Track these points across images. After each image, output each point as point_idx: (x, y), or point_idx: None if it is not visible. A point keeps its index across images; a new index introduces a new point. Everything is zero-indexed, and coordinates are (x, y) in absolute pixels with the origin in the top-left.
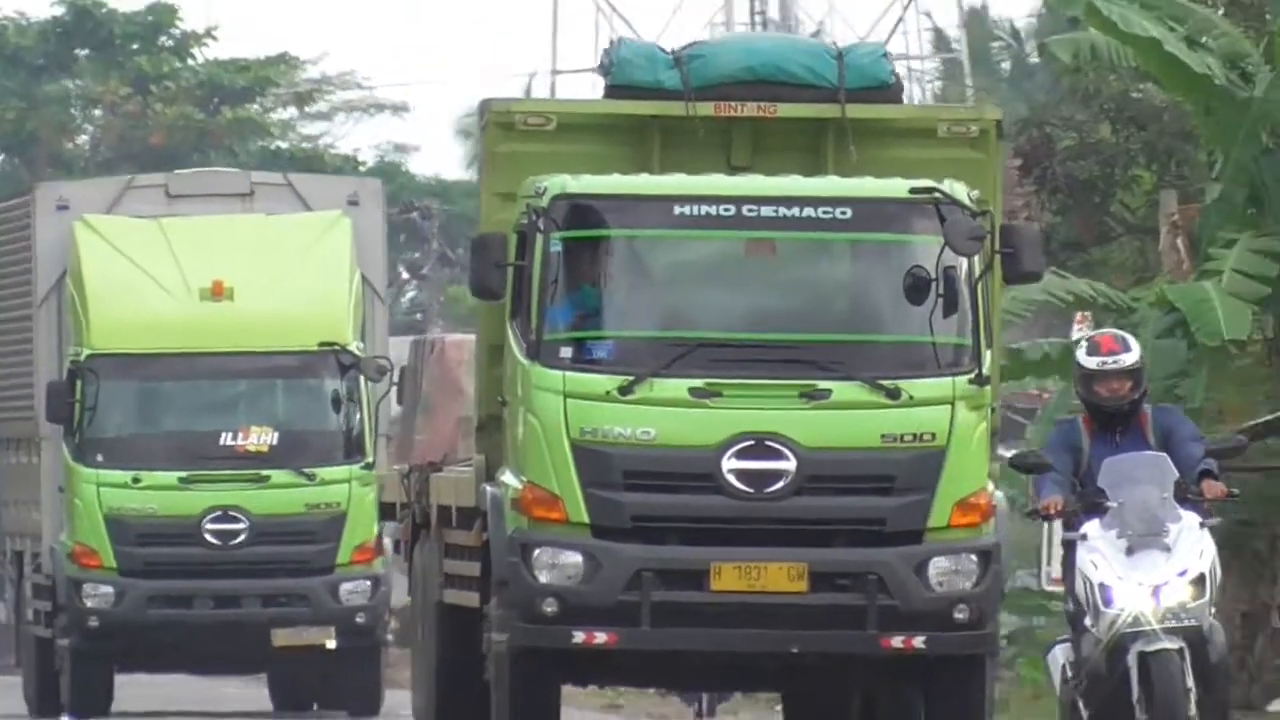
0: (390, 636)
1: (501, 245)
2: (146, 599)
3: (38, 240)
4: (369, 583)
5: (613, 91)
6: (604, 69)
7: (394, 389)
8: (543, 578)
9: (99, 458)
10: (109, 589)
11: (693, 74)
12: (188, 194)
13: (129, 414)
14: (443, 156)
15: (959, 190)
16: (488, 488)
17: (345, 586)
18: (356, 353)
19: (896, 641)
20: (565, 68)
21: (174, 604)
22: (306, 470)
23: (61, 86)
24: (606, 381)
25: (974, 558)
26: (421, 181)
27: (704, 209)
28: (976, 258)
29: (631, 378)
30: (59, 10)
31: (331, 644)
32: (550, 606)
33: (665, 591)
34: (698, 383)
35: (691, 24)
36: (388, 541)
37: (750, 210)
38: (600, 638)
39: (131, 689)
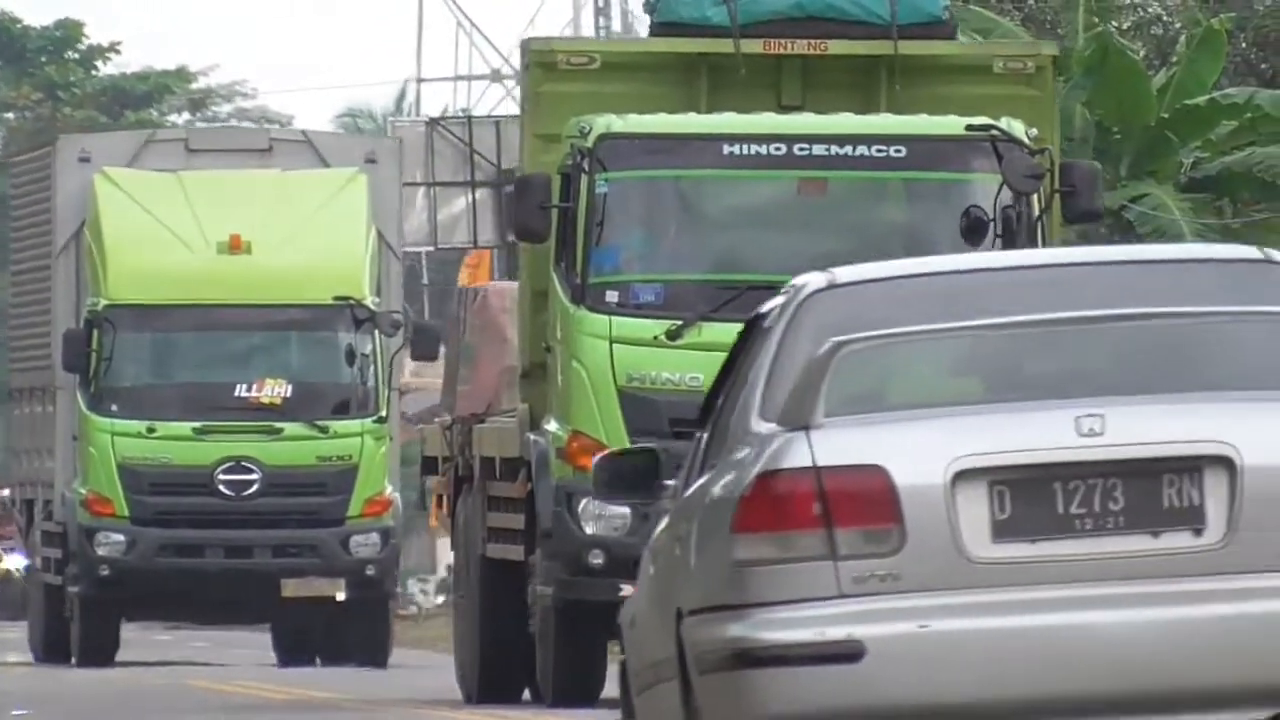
0: (399, 589)
1: (545, 186)
2: (158, 547)
3: (58, 191)
4: (379, 535)
5: (658, 29)
6: (649, 5)
7: (408, 344)
8: (589, 529)
9: (114, 407)
10: (120, 537)
11: (741, 10)
12: (207, 149)
13: (144, 365)
14: None
15: (1016, 127)
16: (532, 437)
17: (356, 539)
18: (371, 307)
19: None
20: (430, 76)
21: (185, 553)
22: (319, 423)
23: None
24: (654, 326)
25: None
26: None
27: (754, 148)
28: (1035, 196)
29: (680, 322)
30: None
31: (341, 596)
32: (596, 558)
33: None
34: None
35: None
36: (397, 496)
37: (802, 149)
38: None
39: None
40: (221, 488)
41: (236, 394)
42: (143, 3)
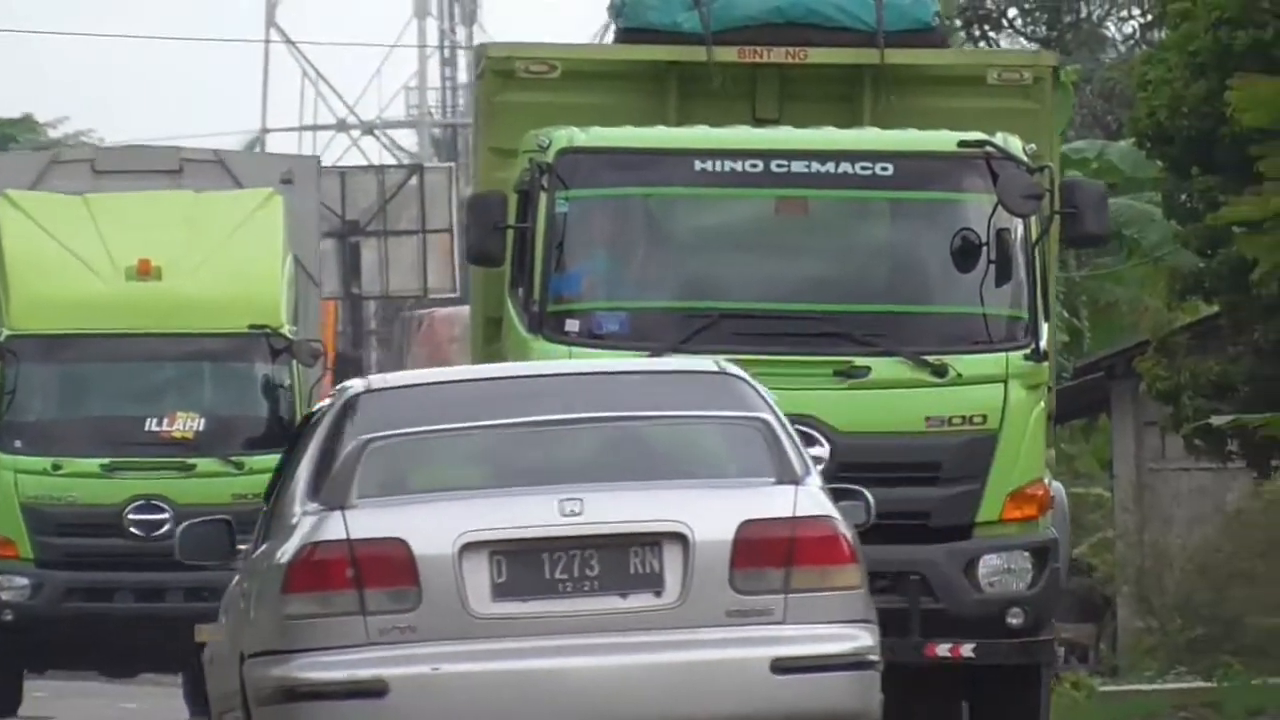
0: None
1: (501, 205)
2: (64, 591)
3: None
4: None
5: (625, 35)
6: (615, 9)
7: (328, 374)
8: None
9: (17, 443)
10: (25, 580)
11: (714, 16)
12: (115, 170)
13: (50, 398)
14: None
15: (1013, 143)
16: None
17: None
18: (289, 336)
19: (942, 649)
20: (277, 126)
21: (93, 597)
22: (234, 458)
23: None
24: (619, 359)
25: (1029, 555)
26: None
27: (728, 164)
28: (1033, 218)
29: (647, 354)
30: None
31: None
32: None
33: None
34: (721, 358)
35: (387, 89)
36: None
37: (780, 166)
38: None
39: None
40: (131, 528)
41: (147, 428)
42: None
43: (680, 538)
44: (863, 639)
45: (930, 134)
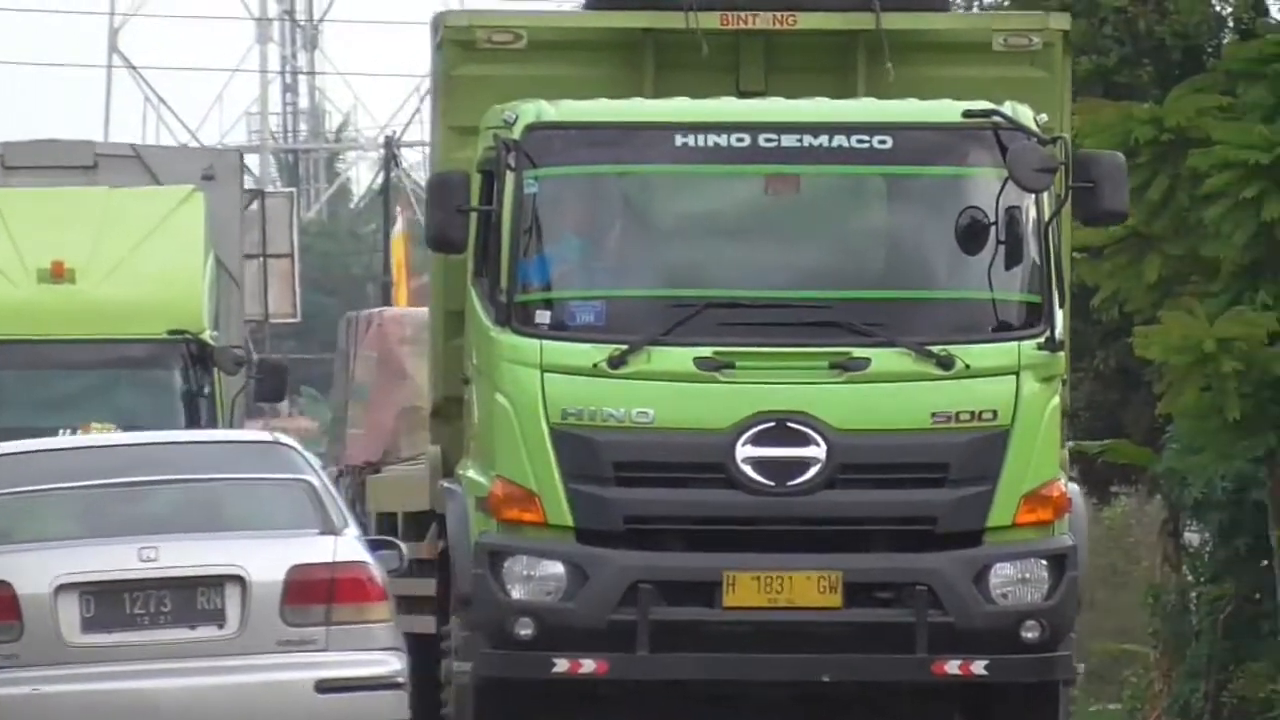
0: None
1: (463, 187)
2: None
3: None
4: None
5: (597, 1)
6: None
7: (251, 383)
8: (516, 593)
9: None
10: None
11: None
12: (25, 165)
13: None
14: None
15: (1023, 113)
16: (446, 485)
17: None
18: (210, 341)
19: (951, 667)
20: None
21: None
22: None
23: None
24: (593, 352)
25: (1045, 563)
26: None
27: (712, 139)
28: (1046, 195)
29: (624, 346)
30: None
31: None
32: (525, 629)
33: (667, 608)
34: (705, 352)
35: (229, 115)
36: None
37: (769, 140)
38: (587, 666)
39: None
40: None
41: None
42: None
43: (239, 579)
44: (392, 664)
45: (932, 104)
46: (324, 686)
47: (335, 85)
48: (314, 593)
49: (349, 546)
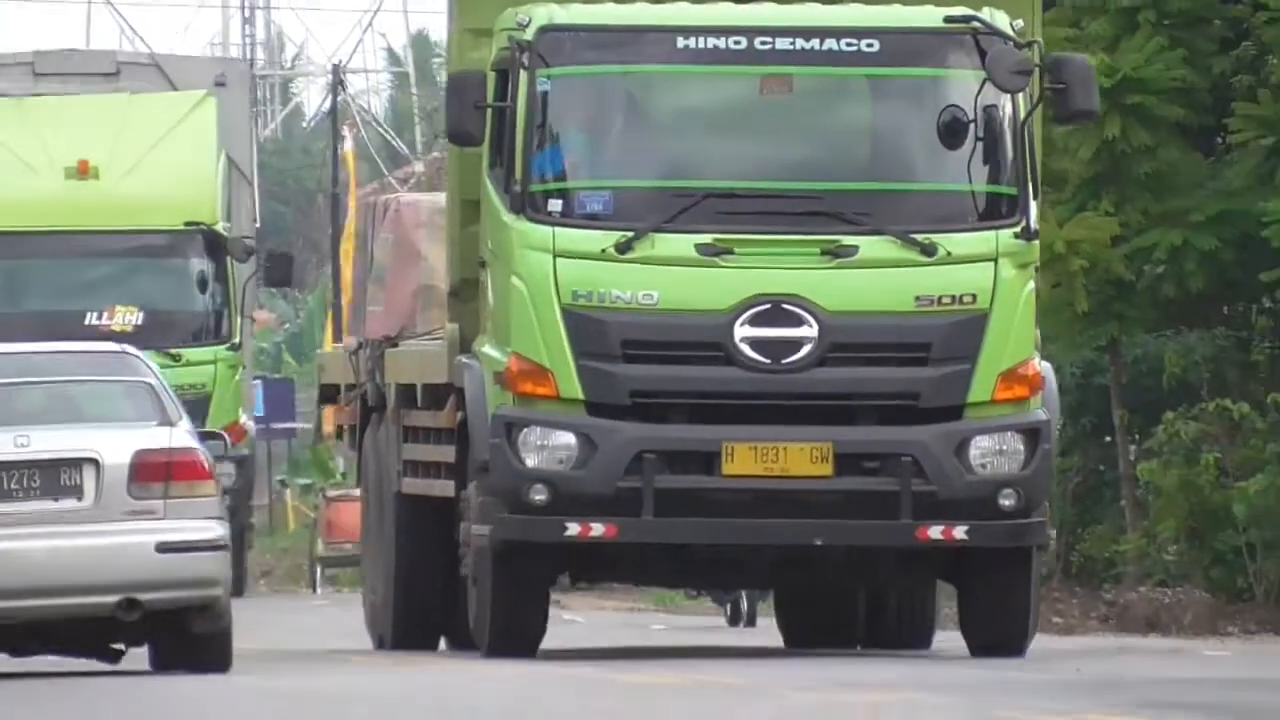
0: (253, 523)
1: (480, 85)
2: None
3: None
4: (233, 465)
5: None
6: None
7: (261, 270)
8: (531, 461)
9: None
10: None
11: None
12: (53, 73)
13: None
14: None
15: (1000, 18)
16: (464, 360)
17: None
18: (222, 232)
19: (934, 532)
20: None
21: None
22: (171, 351)
23: None
24: (602, 238)
25: (1021, 436)
26: None
27: (711, 41)
28: (1021, 95)
29: (630, 233)
30: None
31: None
32: (540, 494)
33: (670, 476)
34: (706, 238)
35: (195, 45)
36: (251, 424)
37: (764, 43)
38: (597, 530)
39: None
40: None
41: (87, 322)
42: None
43: (95, 461)
44: (217, 530)
45: (916, 9)
46: (162, 548)
47: (289, 19)
48: (154, 472)
49: (182, 436)
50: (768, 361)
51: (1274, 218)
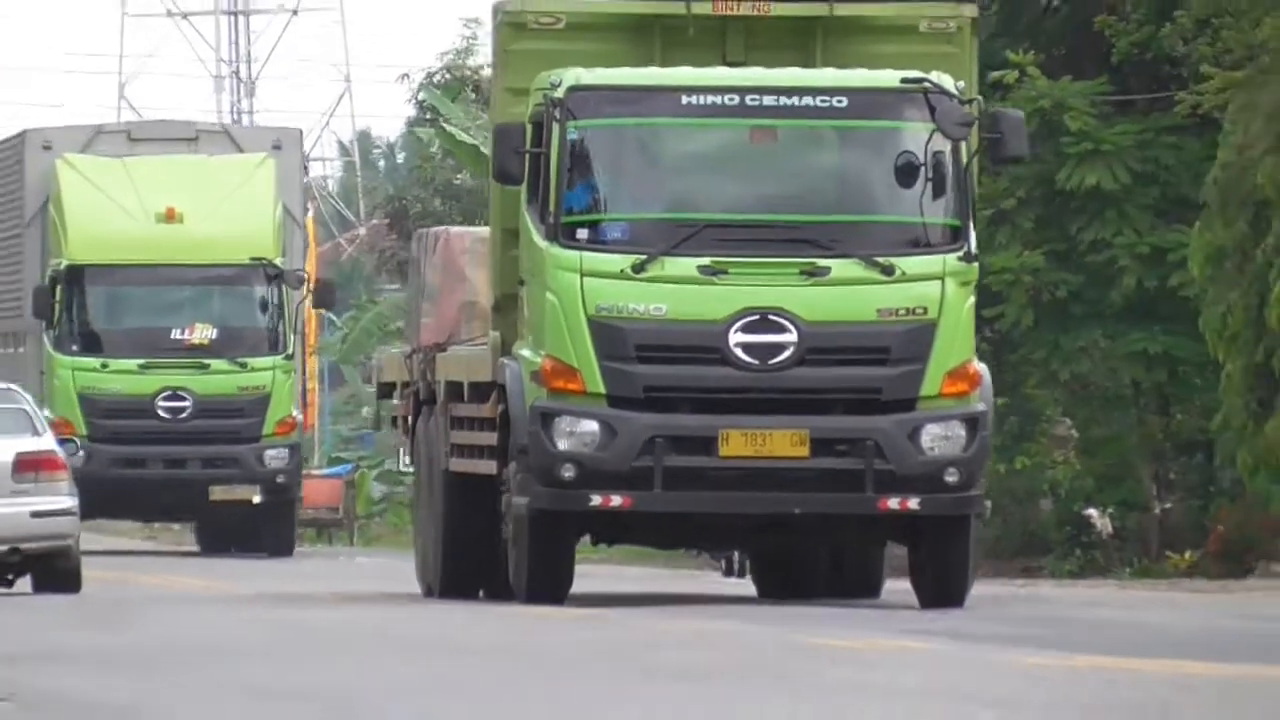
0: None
1: (520, 134)
2: (110, 460)
3: (27, 173)
4: (287, 450)
5: None
6: None
7: (310, 295)
8: (562, 445)
9: (74, 347)
10: (80, 452)
11: None
12: (146, 138)
13: (98, 313)
14: None
15: (946, 80)
16: (506, 361)
17: (269, 453)
18: (280, 266)
19: (893, 503)
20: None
21: (132, 465)
22: (239, 359)
23: None
24: (620, 260)
25: (963, 424)
26: None
27: (710, 99)
28: (964, 143)
29: (644, 257)
30: None
31: (257, 499)
32: (569, 471)
33: (676, 457)
34: (705, 261)
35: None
36: (300, 417)
37: (753, 100)
38: (616, 501)
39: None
40: (161, 412)
41: (173, 336)
42: None
43: None
44: (69, 502)
45: (877, 73)
46: (35, 514)
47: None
48: (28, 466)
49: (47, 442)
50: (756, 362)
51: None
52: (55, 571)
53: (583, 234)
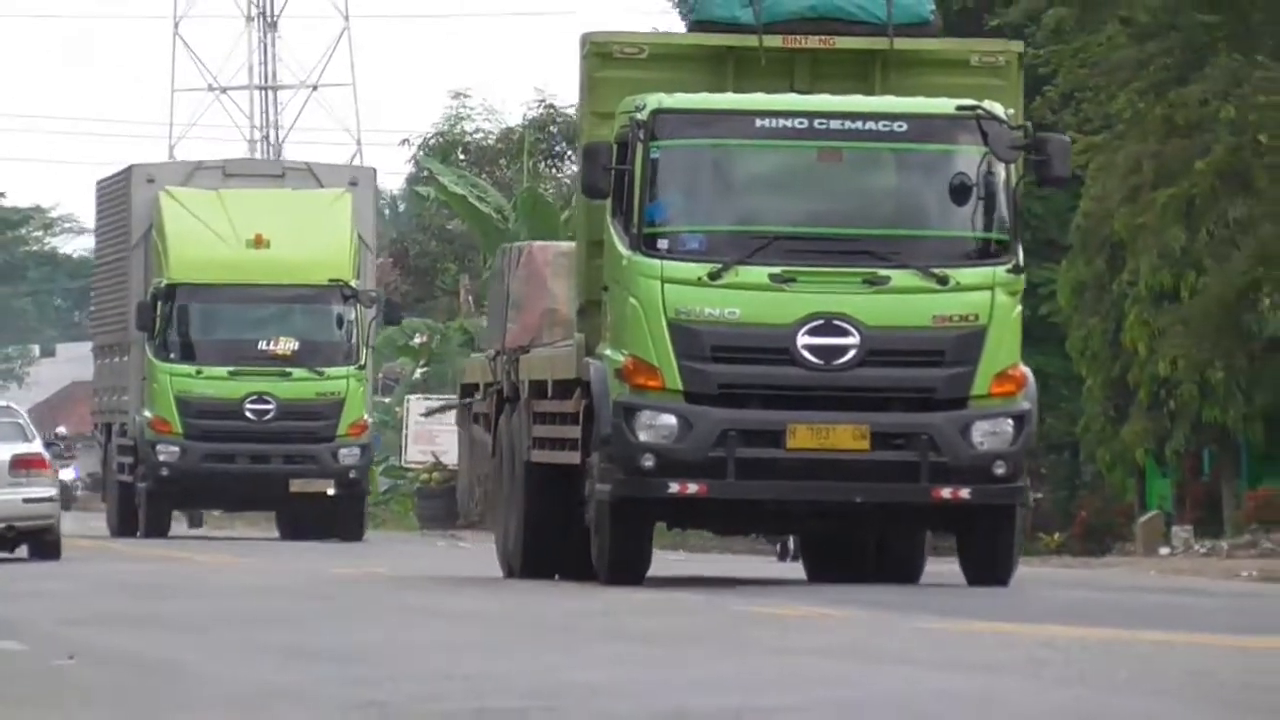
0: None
1: (608, 152)
2: (202, 455)
3: (133, 203)
4: (359, 449)
5: (694, 26)
6: (687, 6)
7: (381, 313)
8: (642, 436)
9: (172, 356)
10: (176, 448)
11: (764, 11)
12: (239, 174)
13: (194, 325)
14: None
15: (997, 108)
16: (590, 361)
17: (342, 451)
18: (354, 287)
19: (945, 493)
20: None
21: (221, 460)
22: (318, 369)
23: None
24: (698, 269)
25: (1010, 421)
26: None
27: (781, 122)
28: (1013, 165)
29: (719, 265)
30: None
31: (331, 491)
32: (648, 462)
33: (748, 448)
34: (776, 270)
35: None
36: (371, 420)
37: (820, 124)
38: (692, 488)
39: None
40: (248, 414)
41: (259, 347)
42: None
43: None
44: (53, 490)
45: (934, 100)
46: (27, 500)
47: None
48: (22, 464)
49: (36, 447)
50: (821, 363)
51: None
52: (42, 543)
53: (663, 244)
